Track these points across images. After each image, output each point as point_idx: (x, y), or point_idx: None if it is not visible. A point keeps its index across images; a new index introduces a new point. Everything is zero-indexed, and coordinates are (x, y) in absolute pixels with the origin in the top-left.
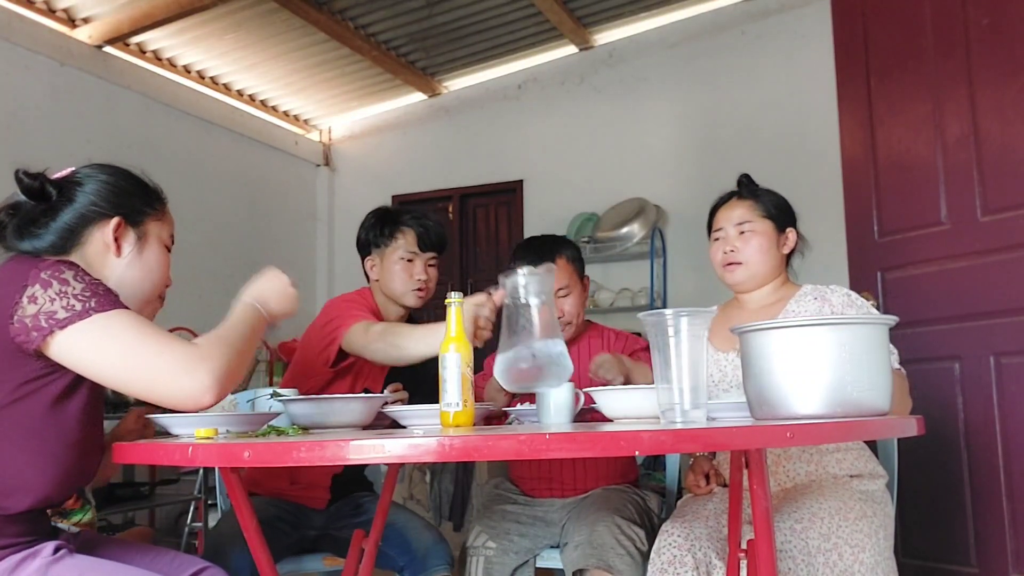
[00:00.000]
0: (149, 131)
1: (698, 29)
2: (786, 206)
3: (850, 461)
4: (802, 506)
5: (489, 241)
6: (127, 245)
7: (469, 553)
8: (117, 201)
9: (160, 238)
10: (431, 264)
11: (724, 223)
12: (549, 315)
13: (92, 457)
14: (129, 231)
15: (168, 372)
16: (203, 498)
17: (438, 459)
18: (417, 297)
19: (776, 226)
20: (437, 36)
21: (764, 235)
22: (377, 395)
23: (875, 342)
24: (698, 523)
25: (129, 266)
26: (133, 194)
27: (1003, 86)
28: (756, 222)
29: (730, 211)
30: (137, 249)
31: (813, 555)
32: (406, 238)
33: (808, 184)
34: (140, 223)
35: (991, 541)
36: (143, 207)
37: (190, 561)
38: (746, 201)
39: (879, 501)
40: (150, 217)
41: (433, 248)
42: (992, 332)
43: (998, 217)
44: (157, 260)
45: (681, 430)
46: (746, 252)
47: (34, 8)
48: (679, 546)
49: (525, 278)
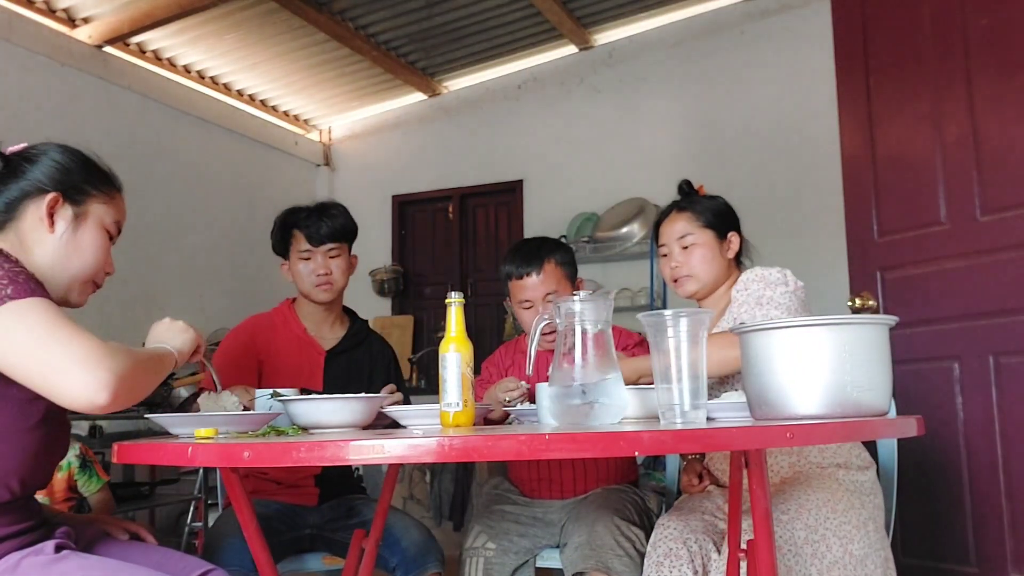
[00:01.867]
0: (149, 131)
1: (698, 29)
2: (726, 211)
3: (833, 449)
4: (789, 498)
5: (489, 241)
6: (62, 221)
7: (468, 554)
8: (59, 178)
9: (102, 221)
10: (333, 255)
11: (666, 239)
12: (605, 344)
13: (60, 432)
14: (67, 208)
15: (68, 364)
16: (203, 498)
17: (438, 459)
18: (322, 290)
19: (717, 234)
20: (437, 36)
21: (705, 245)
22: (377, 395)
23: (875, 342)
24: (693, 517)
25: (63, 244)
26: (77, 173)
27: (1002, 86)
28: (696, 233)
29: (671, 226)
30: (73, 227)
31: (800, 546)
32: (297, 239)
33: (808, 184)
34: (80, 202)
35: (991, 541)
36: (85, 186)
37: (195, 563)
38: (685, 213)
39: (868, 492)
40: (93, 198)
41: (326, 240)
42: (992, 332)
43: (998, 217)
44: (93, 242)
45: (681, 430)
46: (691, 264)
47: (34, 8)
48: (674, 539)
49: (580, 304)
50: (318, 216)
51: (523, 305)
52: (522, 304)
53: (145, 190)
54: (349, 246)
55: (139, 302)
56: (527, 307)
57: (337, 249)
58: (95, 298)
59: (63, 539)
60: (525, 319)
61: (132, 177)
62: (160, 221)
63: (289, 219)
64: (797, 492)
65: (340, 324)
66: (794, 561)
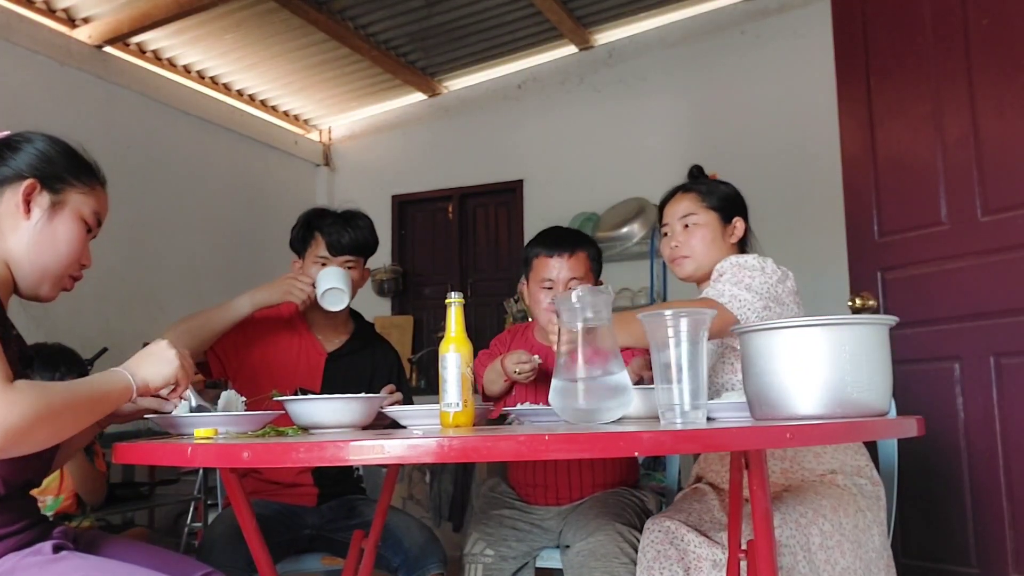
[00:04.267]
0: (149, 131)
1: (698, 29)
2: (734, 196)
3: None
4: (804, 501)
5: (489, 241)
6: (37, 209)
7: (467, 560)
8: (39, 165)
9: (80, 213)
10: (349, 266)
11: (669, 218)
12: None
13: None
14: (44, 195)
15: None
16: (203, 498)
17: (438, 460)
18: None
19: (721, 217)
20: (437, 36)
21: (708, 227)
22: (375, 395)
23: (875, 342)
24: (680, 515)
25: (37, 231)
26: (57, 162)
27: (1003, 86)
28: (700, 214)
29: (675, 205)
30: (48, 216)
31: (815, 552)
32: (318, 243)
33: (808, 184)
34: (59, 191)
35: (991, 541)
36: (66, 175)
37: (192, 565)
38: (690, 193)
39: (872, 496)
40: (73, 188)
41: (346, 252)
42: (992, 332)
43: (998, 217)
44: (69, 233)
45: (681, 430)
46: (691, 245)
47: (34, 8)
48: (660, 541)
49: (578, 298)
50: (343, 224)
51: (543, 284)
52: (543, 283)
53: (145, 190)
54: (365, 260)
55: (138, 302)
56: (547, 287)
57: (354, 261)
58: (95, 298)
59: (61, 539)
60: (541, 300)
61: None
62: (160, 221)
63: (314, 220)
64: (811, 497)
65: (345, 327)
66: (808, 568)
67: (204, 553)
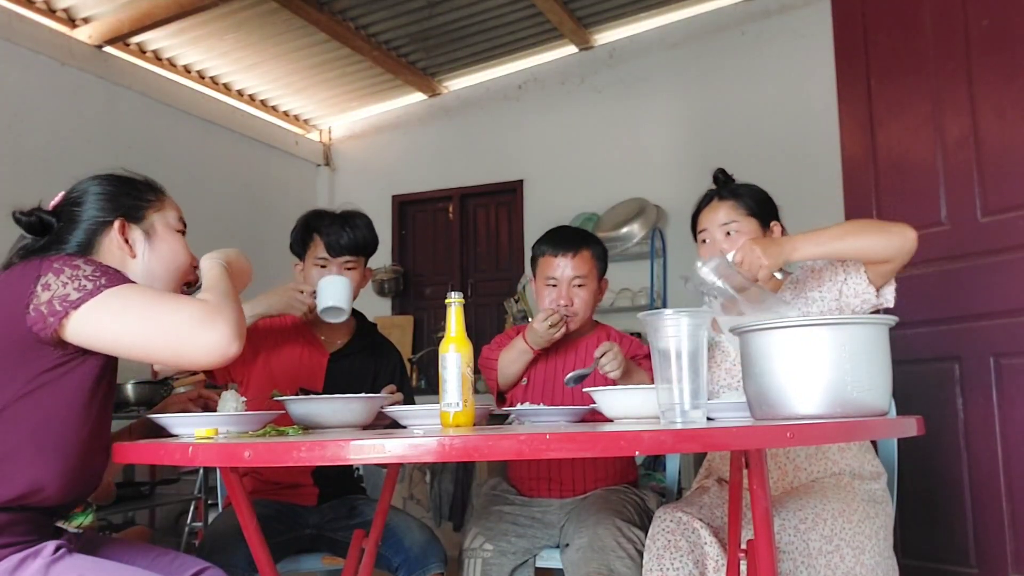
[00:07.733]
0: (149, 131)
1: (698, 29)
2: (767, 199)
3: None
4: (805, 506)
5: (489, 241)
6: (138, 243)
7: (467, 555)
8: (112, 205)
9: (168, 225)
10: (349, 267)
11: (708, 224)
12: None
13: (98, 457)
14: (134, 229)
15: (188, 329)
16: (203, 498)
17: (438, 459)
18: None
19: (761, 223)
20: (437, 36)
21: (751, 234)
22: (375, 395)
23: (875, 342)
24: (691, 508)
25: (147, 262)
26: (125, 193)
27: (1003, 87)
28: (741, 221)
29: (714, 213)
30: (149, 244)
31: (814, 556)
32: (317, 245)
33: (808, 184)
34: (141, 218)
35: (991, 541)
36: (138, 202)
37: (191, 562)
38: (727, 201)
39: (880, 501)
40: (149, 209)
41: (345, 252)
42: (992, 332)
43: (998, 217)
44: (172, 247)
45: (681, 430)
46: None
47: (34, 8)
48: (671, 531)
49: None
50: (341, 225)
51: (548, 282)
52: (548, 281)
53: None
54: (366, 260)
55: None
56: (551, 284)
57: (354, 262)
58: None
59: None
60: (543, 297)
61: None
62: None
63: (312, 222)
64: (813, 501)
65: (347, 328)
66: (807, 571)
67: (205, 552)
